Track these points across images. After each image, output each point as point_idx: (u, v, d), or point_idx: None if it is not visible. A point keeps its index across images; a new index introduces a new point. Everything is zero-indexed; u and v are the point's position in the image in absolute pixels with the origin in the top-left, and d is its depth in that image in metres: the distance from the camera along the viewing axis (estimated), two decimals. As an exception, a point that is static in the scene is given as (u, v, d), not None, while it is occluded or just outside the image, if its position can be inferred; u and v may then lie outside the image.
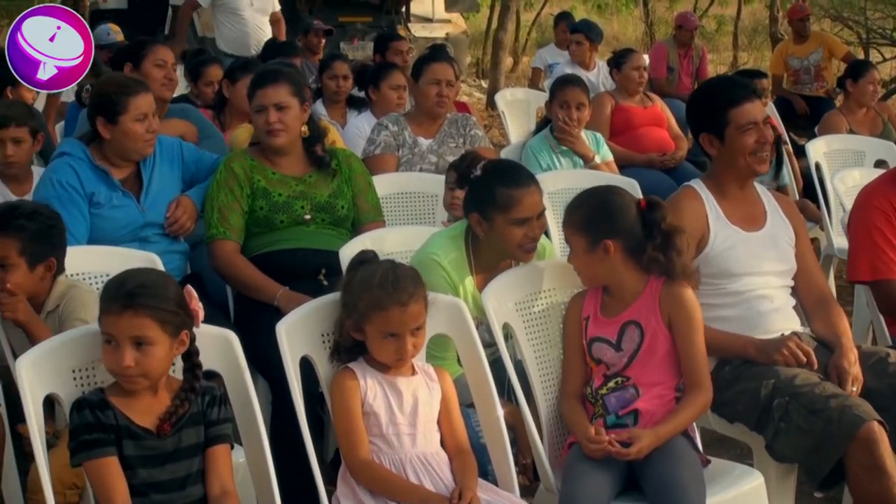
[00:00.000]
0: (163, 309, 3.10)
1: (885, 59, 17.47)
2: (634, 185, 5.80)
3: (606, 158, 6.77)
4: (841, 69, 10.36)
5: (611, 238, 3.69)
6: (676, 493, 3.39)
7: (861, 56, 15.34)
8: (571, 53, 10.37)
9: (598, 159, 6.64)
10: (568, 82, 6.83)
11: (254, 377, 3.51)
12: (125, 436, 3.06)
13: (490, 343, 3.79)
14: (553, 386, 3.85)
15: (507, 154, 6.79)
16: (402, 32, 12.56)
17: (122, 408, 3.08)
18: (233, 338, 3.47)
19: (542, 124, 6.89)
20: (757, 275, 4.20)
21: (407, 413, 3.40)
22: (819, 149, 7.01)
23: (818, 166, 6.84)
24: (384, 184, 5.37)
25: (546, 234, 4.38)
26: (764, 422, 3.89)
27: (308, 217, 4.78)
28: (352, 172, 4.97)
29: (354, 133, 6.91)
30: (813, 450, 3.74)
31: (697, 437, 3.73)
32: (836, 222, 6.49)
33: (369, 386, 3.40)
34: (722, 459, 3.84)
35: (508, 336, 3.83)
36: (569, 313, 3.85)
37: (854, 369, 3.96)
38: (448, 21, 15.68)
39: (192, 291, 3.24)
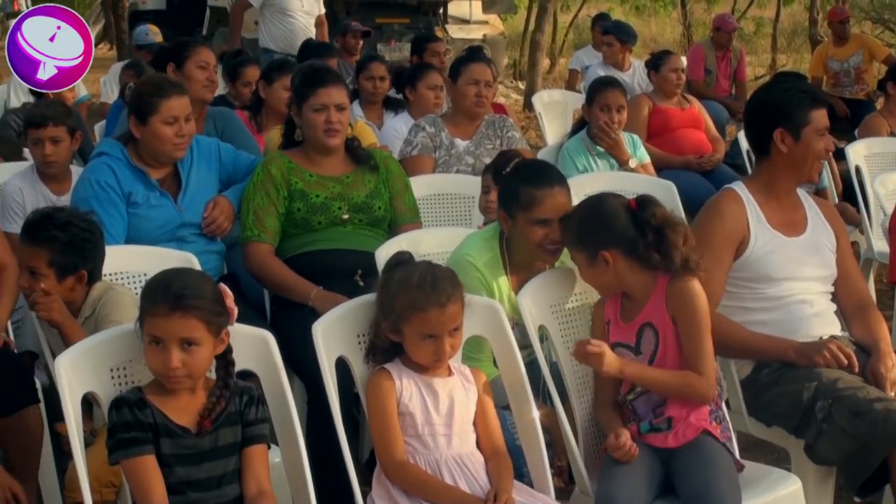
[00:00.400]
0: (208, 309, 3.12)
1: (927, 62, 17.31)
2: (671, 188, 5.79)
3: (643, 161, 6.75)
4: (881, 72, 10.28)
5: (606, 248, 3.66)
6: (712, 498, 3.37)
7: (902, 58, 15.21)
8: (603, 55, 10.36)
9: (635, 162, 6.61)
10: (607, 84, 6.80)
11: (290, 377, 3.52)
12: (163, 434, 3.08)
13: (525, 345, 3.78)
14: (589, 388, 3.83)
15: (544, 156, 6.78)
16: (440, 34, 12.57)
17: (160, 406, 3.10)
18: (269, 338, 3.48)
19: (579, 126, 6.86)
20: (797, 280, 4.17)
21: (443, 414, 3.40)
22: (859, 152, 6.95)
23: (858, 169, 6.78)
24: (421, 185, 5.37)
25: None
26: (805, 424, 3.86)
27: (346, 217, 4.78)
28: (389, 174, 4.97)
29: (391, 134, 6.93)
30: (856, 452, 3.72)
31: (734, 442, 3.71)
32: (877, 226, 6.43)
33: (405, 386, 3.40)
34: (758, 464, 3.81)
35: (544, 338, 3.82)
36: (594, 319, 3.84)
37: (892, 374, 3.93)
38: (485, 22, 15.66)
39: (227, 290, 3.26)
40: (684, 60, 9.37)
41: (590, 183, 5.72)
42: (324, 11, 10.58)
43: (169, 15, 15.63)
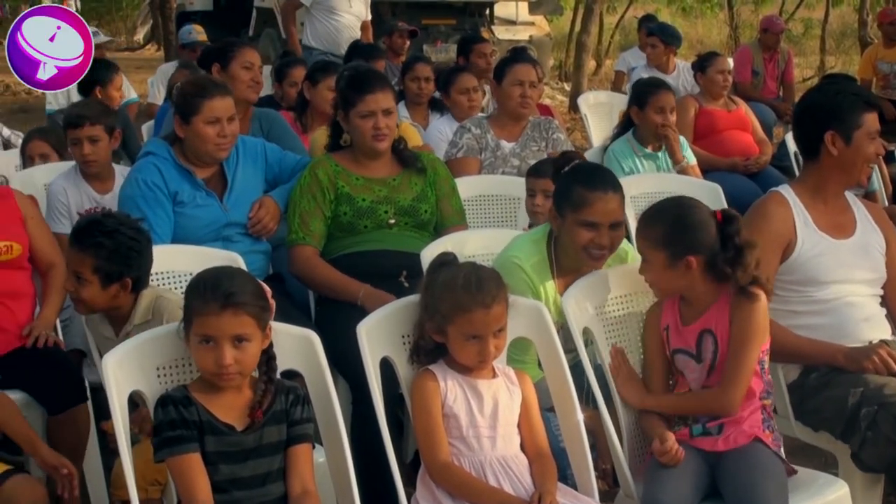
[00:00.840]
0: (257, 306, 3.15)
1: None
2: (717, 190, 5.76)
3: (690, 162, 6.71)
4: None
5: (693, 254, 3.63)
6: (756, 502, 3.35)
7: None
8: (648, 57, 10.30)
9: (687, 163, 6.59)
10: (659, 86, 6.76)
11: (334, 378, 3.53)
12: (208, 432, 3.10)
13: (570, 348, 3.77)
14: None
15: (589, 157, 6.74)
16: (486, 35, 12.55)
17: (206, 404, 3.12)
18: (314, 338, 3.49)
19: (623, 128, 6.84)
20: (846, 283, 4.13)
21: (487, 416, 3.40)
22: (909, 154, 6.90)
23: (908, 172, 6.74)
24: (466, 186, 5.37)
25: (628, 239, 4.35)
26: (850, 430, 3.83)
27: (392, 221, 4.79)
28: (436, 176, 4.97)
29: (435, 136, 6.94)
30: (901, 460, 3.68)
31: (782, 450, 3.68)
32: (927, 228, 6.37)
33: (450, 388, 3.40)
34: (806, 468, 3.77)
35: (588, 341, 3.81)
36: (648, 324, 3.81)
37: None
38: (531, 23, 15.64)
39: (265, 285, 3.28)
40: (731, 62, 9.31)
41: (636, 185, 5.70)
42: (370, 17, 10.61)
43: (216, 16, 15.74)
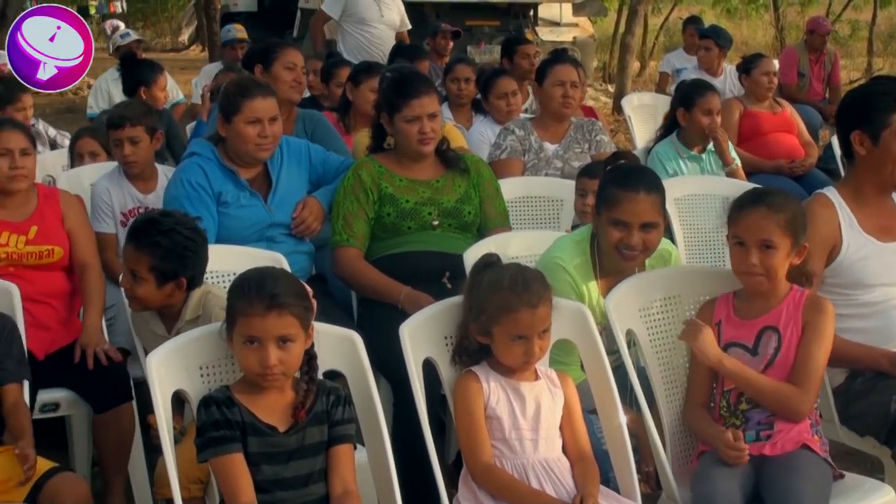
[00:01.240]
0: (301, 306, 3.16)
1: None
2: (762, 193, 5.71)
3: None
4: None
5: (807, 243, 3.69)
6: (796, 504, 3.35)
7: None
8: (700, 59, 10.24)
9: (737, 165, 6.57)
10: (706, 88, 6.73)
11: (376, 378, 3.53)
12: (250, 432, 3.11)
13: (613, 349, 3.76)
14: (677, 394, 3.81)
15: (639, 159, 6.73)
16: (530, 36, 12.53)
17: (248, 405, 3.13)
18: (356, 338, 3.50)
19: (667, 130, 6.81)
20: (892, 286, 4.08)
21: (529, 418, 3.39)
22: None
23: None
24: (509, 188, 5.36)
25: (671, 240, 4.33)
26: (894, 435, 3.79)
27: (436, 223, 4.79)
28: (480, 178, 4.96)
29: (477, 138, 6.95)
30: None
31: (828, 452, 3.65)
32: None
33: (492, 390, 3.39)
34: (851, 473, 3.74)
35: (632, 342, 3.79)
36: (700, 318, 3.77)
37: None
38: (575, 25, 15.60)
39: (306, 286, 3.29)
40: (776, 64, 9.25)
41: (679, 186, 5.68)
42: (408, 27, 10.61)
43: (260, 17, 15.79)
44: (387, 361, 3.95)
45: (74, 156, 6.29)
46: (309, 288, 3.28)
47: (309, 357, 3.24)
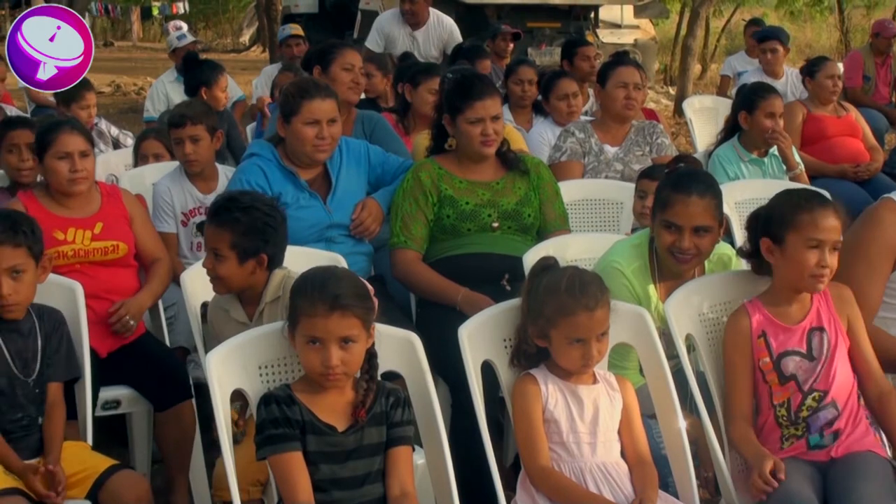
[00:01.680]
0: (363, 306, 3.16)
1: None
2: (826, 197, 5.66)
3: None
4: None
5: None
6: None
7: None
8: (765, 62, 10.10)
9: (801, 169, 6.52)
10: (769, 91, 6.68)
11: (434, 380, 3.53)
12: (310, 431, 3.12)
13: (672, 354, 3.74)
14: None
15: (701, 163, 6.70)
16: (591, 38, 12.50)
17: (308, 404, 3.14)
18: (415, 340, 3.50)
19: (729, 133, 6.76)
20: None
21: (587, 421, 3.38)
22: None
23: None
24: (569, 190, 5.34)
25: (731, 244, 4.30)
26: None
27: (496, 225, 4.78)
28: (540, 180, 4.95)
29: (537, 140, 6.95)
30: None
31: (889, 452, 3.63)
32: None
33: (550, 393, 3.39)
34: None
35: (691, 347, 3.77)
36: (733, 333, 3.71)
37: None
38: (637, 27, 15.55)
39: (368, 284, 3.30)
40: (841, 67, 9.15)
41: (740, 190, 5.65)
42: (457, 41, 10.51)
43: (321, 18, 15.88)
44: (445, 363, 3.95)
45: (139, 157, 6.35)
46: (370, 286, 3.29)
47: (369, 356, 3.24)
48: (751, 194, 5.65)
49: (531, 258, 4.19)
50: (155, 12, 32.50)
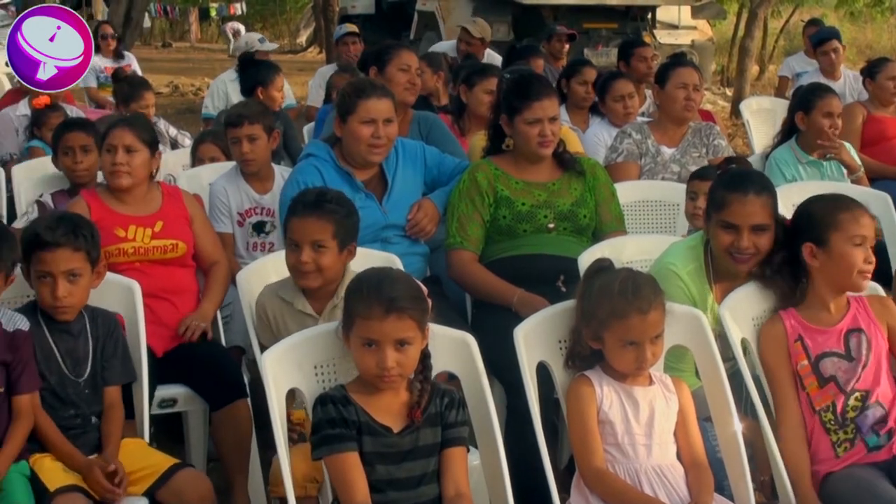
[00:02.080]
0: (418, 309, 3.17)
1: None
2: (886, 199, 5.62)
3: (859, 171, 6.57)
4: None
5: None
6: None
7: None
8: (829, 63, 9.98)
9: (862, 171, 6.45)
10: (827, 91, 6.61)
11: (490, 381, 3.53)
12: (365, 432, 3.13)
13: (728, 357, 3.72)
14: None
15: (751, 164, 6.64)
16: (648, 39, 12.46)
17: (363, 404, 3.15)
18: (470, 340, 3.50)
19: (786, 134, 6.70)
20: None
21: (643, 423, 3.37)
22: None
23: None
24: (625, 191, 5.33)
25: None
26: None
27: (551, 226, 4.78)
28: (596, 181, 4.94)
29: (593, 141, 6.93)
30: None
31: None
32: None
33: (605, 394, 3.38)
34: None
35: (747, 350, 3.75)
36: (768, 339, 3.73)
37: None
38: (694, 28, 15.47)
39: (421, 284, 3.30)
40: (902, 68, 9.04)
41: (798, 192, 5.56)
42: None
43: (377, 19, 15.93)
44: (500, 364, 3.95)
45: (196, 159, 6.39)
46: (424, 287, 3.29)
47: (423, 357, 3.25)
48: (809, 196, 5.58)
49: (586, 259, 4.18)
50: (213, 13, 32.78)
